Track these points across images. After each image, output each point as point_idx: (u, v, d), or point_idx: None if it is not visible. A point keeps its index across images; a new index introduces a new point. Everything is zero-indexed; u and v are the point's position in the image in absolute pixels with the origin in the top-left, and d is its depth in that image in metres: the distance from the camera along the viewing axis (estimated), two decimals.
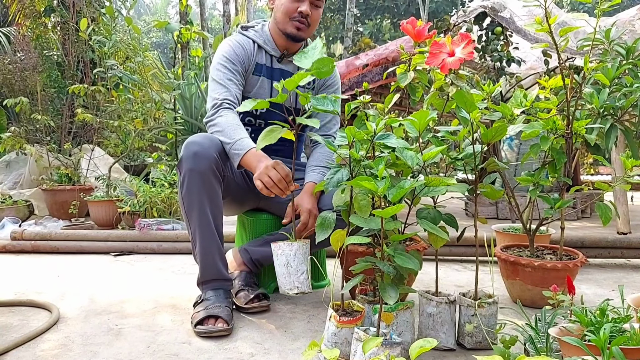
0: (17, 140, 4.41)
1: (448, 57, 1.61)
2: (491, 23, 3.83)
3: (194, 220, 1.82)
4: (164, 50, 26.18)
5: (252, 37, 2.12)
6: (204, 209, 1.81)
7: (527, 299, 1.92)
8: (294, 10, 1.99)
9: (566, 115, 1.81)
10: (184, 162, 1.81)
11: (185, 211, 1.85)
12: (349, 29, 9.80)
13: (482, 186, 1.60)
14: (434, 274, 1.65)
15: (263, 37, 2.13)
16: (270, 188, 1.71)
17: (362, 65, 3.57)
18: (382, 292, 1.33)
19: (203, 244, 1.83)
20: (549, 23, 1.62)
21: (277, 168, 1.73)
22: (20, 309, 2.04)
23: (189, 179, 1.80)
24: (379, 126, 1.50)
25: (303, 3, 1.99)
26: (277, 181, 1.70)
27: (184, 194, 1.82)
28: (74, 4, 6.26)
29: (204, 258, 1.85)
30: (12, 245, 3.18)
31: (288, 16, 2.00)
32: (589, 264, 2.61)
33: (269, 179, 1.71)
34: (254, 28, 2.17)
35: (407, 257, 1.36)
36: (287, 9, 2.00)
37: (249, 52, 2.09)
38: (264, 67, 2.12)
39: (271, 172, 1.71)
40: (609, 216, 1.77)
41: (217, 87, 1.99)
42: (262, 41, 2.11)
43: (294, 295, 1.67)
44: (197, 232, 1.83)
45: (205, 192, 1.81)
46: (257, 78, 2.11)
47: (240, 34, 2.15)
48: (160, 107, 4.36)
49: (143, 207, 3.63)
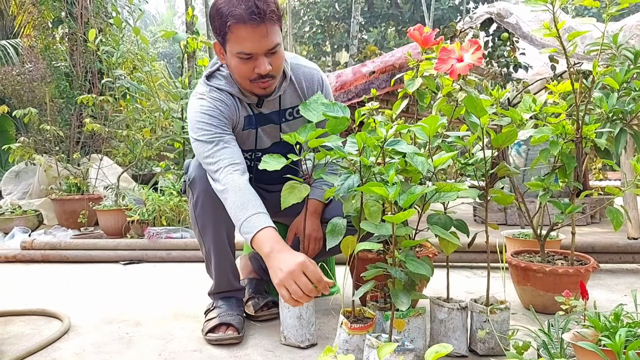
0: (26, 150, 4.44)
1: (457, 62, 1.61)
2: (497, 29, 3.83)
3: (209, 240, 1.79)
4: (171, 60, 26.32)
5: (227, 89, 1.74)
6: (219, 230, 1.78)
7: (539, 305, 1.90)
8: (249, 72, 1.62)
9: (575, 119, 1.81)
10: (197, 182, 1.74)
11: (199, 231, 1.80)
12: (354, 37, 9.83)
13: (492, 191, 1.59)
14: (444, 280, 1.64)
15: (236, 85, 1.75)
16: (299, 299, 1.39)
17: (369, 72, 3.57)
18: (394, 299, 1.33)
19: (218, 263, 1.82)
20: (557, 28, 1.62)
21: (308, 273, 1.39)
22: (31, 318, 2.05)
23: (203, 199, 1.74)
24: (389, 132, 1.50)
25: (259, 62, 1.59)
26: (309, 292, 1.38)
27: (197, 214, 1.77)
28: (82, 15, 6.32)
29: (218, 276, 1.84)
30: (22, 255, 3.19)
31: (247, 79, 1.65)
32: (600, 270, 2.59)
33: (296, 289, 1.37)
34: (221, 75, 1.77)
35: (418, 263, 1.36)
36: (241, 72, 1.63)
37: (234, 108, 1.76)
38: (247, 119, 1.81)
39: (300, 280, 1.38)
40: (621, 221, 1.76)
41: (207, 146, 1.66)
42: (236, 90, 1.75)
43: (304, 347, 1.66)
44: (212, 252, 1.80)
45: (220, 212, 1.71)
46: (248, 132, 1.84)
47: (212, 88, 1.75)
48: (168, 116, 4.38)
49: (152, 215, 3.64)
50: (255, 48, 1.56)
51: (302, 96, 1.86)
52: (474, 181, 1.71)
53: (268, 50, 1.59)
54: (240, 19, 1.51)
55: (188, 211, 3.74)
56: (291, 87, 1.84)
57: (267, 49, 1.58)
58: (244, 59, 1.59)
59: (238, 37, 1.55)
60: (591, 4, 1.66)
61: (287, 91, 1.83)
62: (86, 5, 6.38)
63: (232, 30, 1.54)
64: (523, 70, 3.77)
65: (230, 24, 1.53)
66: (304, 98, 1.85)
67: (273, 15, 1.55)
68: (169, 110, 4.50)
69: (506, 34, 3.67)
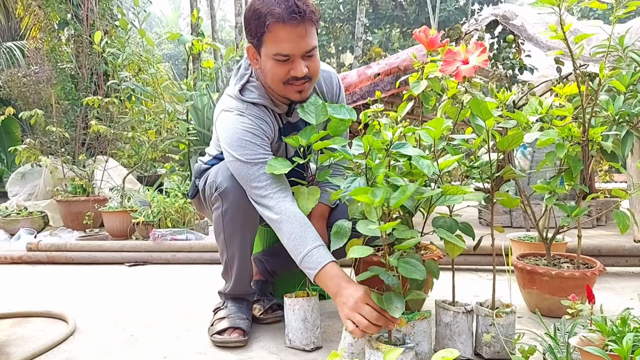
0: (32, 152, 4.46)
1: (462, 64, 1.61)
2: (503, 31, 3.83)
3: (234, 248, 1.76)
4: (175, 62, 26.43)
5: (262, 102, 1.71)
6: (246, 240, 1.77)
7: (545, 308, 1.90)
8: (285, 74, 1.59)
9: (582, 122, 1.80)
10: (230, 193, 1.69)
11: (225, 238, 1.77)
12: (359, 39, 9.83)
13: (498, 195, 1.59)
14: (450, 283, 1.64)
15: (267, 96, 1.73)
16: (365, 329, 1.35)
17: (374, 75, 3.57)
18: (388, 304, 1.31)
19: (240, 269, 1.80)
20: (564, 30, 1.62)
21: (371, 303, 1.38)
22: (37, 319, 2.06)
23: (235, 211, 1.71)
24: (395, 135, 1.50)
25: (294, 63, 1.57)
26: (375, 320, 1.35)
27: (225, 222, 1.73)
28: (88, 17, 6.35)
29: (238, 279, 1.82)
30: (28, 257, 3.21)
31: (281, 82, 1.61)
32: (606, 273, 2.58)
33: (361, 319, 1.35)
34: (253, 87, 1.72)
35: (412, 266, 1.34)
36: (276, 75, 1.60)
37: (271, 125, 1.74)
38: (281, 131, 1.81)
39: (364, 310, 1.36)
40: (627, 224, 1.75)
41: (253, 168, 1.63)
42: (269, 102, 1.73)
43: (309, 350, 1.66)
44: (236, 257, 1.77)
45: (249, 224, 1.73)
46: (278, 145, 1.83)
47: (248, 104, 1.70)
48: (174, 118, 4.39)
49: (157, 217, 3.65)
50: (293, 49, 1.54)
51: (323, 98, 1.85)
52: (479, 183, 1.71)
53: (305, 53, 1.57)
54: (280, 18, 1.49)
55: (193, 213, 3.75)
56: (313, 92, 1.80)
57: (305, 50, 1.56)
58: (281, 61, 1.56)
59: (276, 37, 1.52)
60: (598, 6, 1.65)
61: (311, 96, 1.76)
62: (92, 7, 6.41)
63: (271, 29, 1.52)
64: (528, 73, 3.76)
65: (269, 23, 1.50)
66: (325, 99, 1.86)
67: (312, 16, 1.53)
68: (174, 112, 4.51)
69: (511, 36, 3.66)
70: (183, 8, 43.42)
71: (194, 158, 5.34)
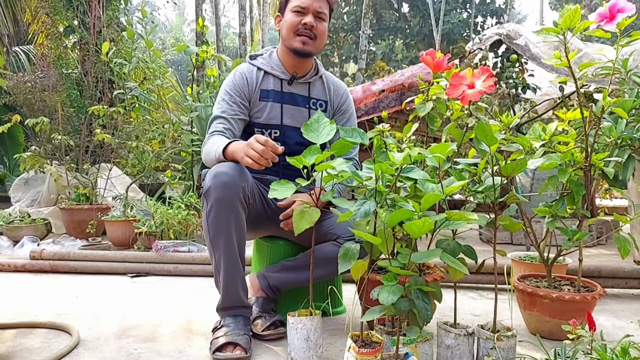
0: (36, 159, 4.48)
1: (468, 89, 1.64)
2: (506, 50, 3.86)
3: (220, 249, 1.82)
4: (179, 67, 26.54)
5: (258, 65, 2.18)
6: (231, 239, 1.81)
7: (545, 331, 1.91)
8: (297, 23, 2.05)
9: (584, 148, 1.83)
10: (212, 191, 1.79)
11: (211, 240, 1.83)
12: (363, 51, 9.89)
13: (501, 219, 1.61)
14: (450, 302, 1.65)
15: (271, 63, 2.18)
16: (257, 161, 1.71)
17: (379, 91, 3.61)
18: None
19: (227, 274, 1.83)
20: (568, 58, 1.65)
21: (257, 139, 1.73)
22: (41, 331, 2.07)
23: (217, 208, 1.78)
24: (405, 160, 1.52)
25: (306, 16, 2.05)
26: (262, 152, 1.70)
27: (209, 222, 1.81)
28: (94, 25, 6.40)
29: (226, 287, 1.85)
30: (31, 265, 3.22)
31: (293, 31, 2.06)
32: (606, 295, 2.59)
33: (254, 153, 1.71)
34: (262, 55, 2.23)
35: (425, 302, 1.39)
36: (291, 23, 2.06)
37: (251, 81, 2.14)
38: (271, 93, 2.15)
39: (254, 146, 1.72)
40: (628, 249, 1.77)
41: (217, 120, 2.09)
42: (269, 67, 2.17)
43: None
44: (222, 262, 1.82)
45: (233, 222, 1.80)
46: (265, 104, 2.14)
47: (248, 62, 2.22)
48: (178, 128, 4.42)
49: (160, 228, 3.66)
50: (307, 4, 2.04)
51: (328, 95, 2.24)
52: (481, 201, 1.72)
53: (316, 12, 2.05)
54: None
55: (196, 225, 3.77)
56: (320, 82, 2.25)
57: (316, 9, 2.05)
58: (298, 12, 2.05)
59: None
60: (602, 35, 1.68)
61: (317, 84, 2.24)
62: (99, 15, 6.46)
63: None
64: (531, 92, 3.79)
65: None
66: (329, 98, 2.24)
67: None
68: (178, 122, 4.54)
69: (515, 55, 3.70)
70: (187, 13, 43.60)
71: (196, 168, 5.36)
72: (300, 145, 2.13)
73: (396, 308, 1.37)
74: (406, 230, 1.36)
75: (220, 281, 1.86)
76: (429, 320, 1.48)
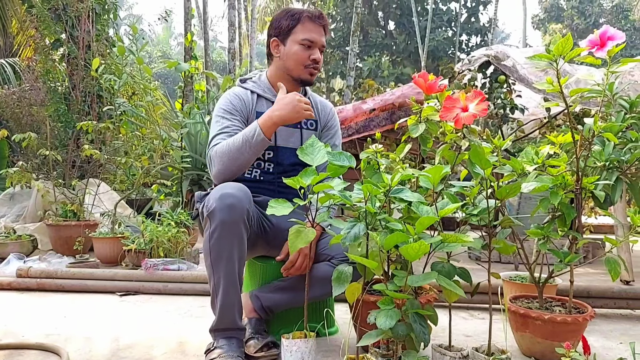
0: (23, 175, 4.43)
1: (462, 112, 1.66)
2: (495, 71, 3.93)
3: (220, 270, 1.80)
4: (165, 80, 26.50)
5: (251, 88, 2.22)
6: (232, 262, 1.80)
7: (538, 352, 1.93)
8: (306, 58, 2.12)
9: (575, 171, 1.86)
10: (217, 213, 1.77)
11: (212, 261, 1.81)
12: (351, 69, 9.97)
13: (495, 242, 1.63)
14: (443, 320, 1.66)
15: (262, 86, 2.23)
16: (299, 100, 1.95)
17: (369, 110, 3.64)
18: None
19: (225, 296, 1.82)
20: (560, 84, 1.68)
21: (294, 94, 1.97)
22: (30, 352, 2.04)
23: (221, 230, 1.77)
24: (394, 181, 1.54)
25: (314, 51, 2.13)
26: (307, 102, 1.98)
27: (212, 244, 1.79)
28: (83, 39, 6.37)
29: (223, 309, 1.83)
30: (17, 283, 3.18)
31: (302, 64, 2.13)
32: (595, 315, 2.62)
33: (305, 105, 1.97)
34: (252, 79, 2.27)
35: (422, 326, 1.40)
36: (300, 57, 2.12)
37: (247, 103, 2.18)
38: None
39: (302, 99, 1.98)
40: (618, 272, 1.80)
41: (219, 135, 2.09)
42: (261, 90, 2.22)
43: None
44: (222, 283, 1.80)
45: (236, 245, 1.79)
46: None
47: (238, 86, 2.26)
48: (168, 144, 4.40)
49: (149, 245, 3.63)
50: (316, 39, 2.13)
51: (317, 114, 2.31)
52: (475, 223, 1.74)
53: (322, 46, 2.16)
54: (312, 17, 2.14)
55: (186, 242, 3.75)
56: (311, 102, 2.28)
57: (322, 44, 2.16)
58: (306, 45, 2.12)
59: (307, 28, 2.12)
60: (593, 62, 1.72)
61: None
62: (88, 29, 6.44)
63: (304, 22, 2.12)
64: (519, 112, 3.86)
65: (304, 17, 2.12)
66: (318, 117, 2.31)
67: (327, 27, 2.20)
68: (167, 138, 4.53)
69: (503, 76, 3.76)
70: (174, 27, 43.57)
71: (185, 183, 5.34)
72: (294, 166, 2.17)
73: (394, 332, 1.37)
74: (402, 253, 1.38)
75: (217, 303, 1.84)
76: (427, 344, 1.48)
